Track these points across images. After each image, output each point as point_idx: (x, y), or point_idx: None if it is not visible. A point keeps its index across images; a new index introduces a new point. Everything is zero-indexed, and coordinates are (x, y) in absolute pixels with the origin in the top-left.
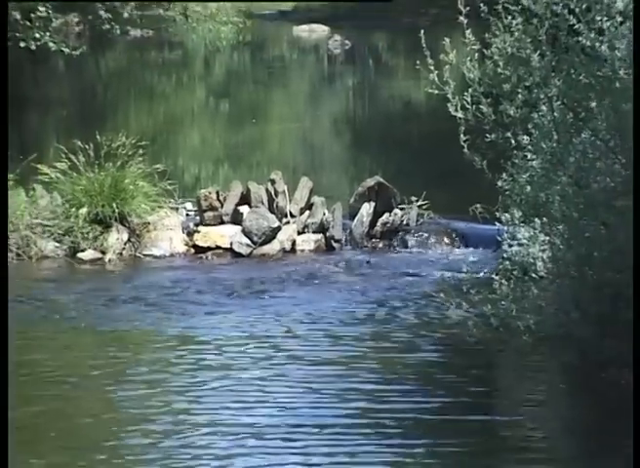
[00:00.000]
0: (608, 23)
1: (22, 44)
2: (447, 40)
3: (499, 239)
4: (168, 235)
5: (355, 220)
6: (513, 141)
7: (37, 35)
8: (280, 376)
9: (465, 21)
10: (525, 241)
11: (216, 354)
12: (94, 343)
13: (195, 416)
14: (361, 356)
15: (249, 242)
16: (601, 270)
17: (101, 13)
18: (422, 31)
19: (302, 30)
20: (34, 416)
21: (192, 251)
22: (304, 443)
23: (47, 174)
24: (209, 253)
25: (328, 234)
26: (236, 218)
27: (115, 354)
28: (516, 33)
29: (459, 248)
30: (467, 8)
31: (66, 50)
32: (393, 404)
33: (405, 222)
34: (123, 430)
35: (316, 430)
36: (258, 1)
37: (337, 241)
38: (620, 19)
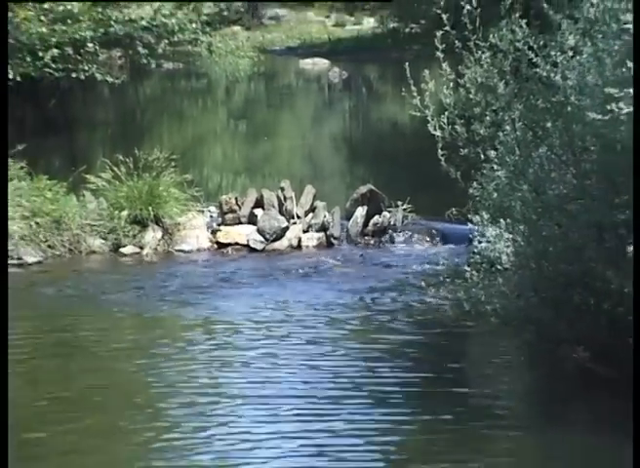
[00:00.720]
0: (561, 57)
1: (74, 75)
2: (427, 71)
3: (470, 236)
4: (195, 233)
5: (351, 221)
6: (482, 156)
7: (86, 67)
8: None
9: (442, 56)
10: (492, 238)
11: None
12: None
13: None
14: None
15: (262, 239)
16: (555, 263)
17: (140, 49)
18: (407, 64)
19: (307, 63)
20: None
21: (215, 246)
22: None
23: (94, 182)
24: (229, 249)
25: (328, 233)
26: (252, 219)
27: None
28: (485, 65)
29: (437, 244)
30: (444, 45)
31: (110, 79)
32: None
33: (392, 223)
34: None
35: None
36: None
37: (335, 238)
38: (571, 53)
